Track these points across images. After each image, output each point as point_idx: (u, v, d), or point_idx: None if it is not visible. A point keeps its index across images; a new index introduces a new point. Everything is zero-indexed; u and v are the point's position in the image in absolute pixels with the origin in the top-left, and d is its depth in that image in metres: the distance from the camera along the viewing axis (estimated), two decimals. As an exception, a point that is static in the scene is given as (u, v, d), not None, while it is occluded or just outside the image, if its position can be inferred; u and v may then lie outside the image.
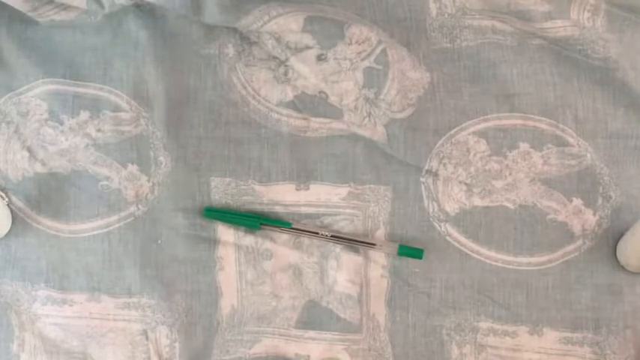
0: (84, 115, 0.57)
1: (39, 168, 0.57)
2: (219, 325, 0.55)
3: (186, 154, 0.56)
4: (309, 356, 0.55)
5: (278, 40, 0.56)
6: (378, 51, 0.55)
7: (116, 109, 0.57)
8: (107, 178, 0.56)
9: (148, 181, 0.56)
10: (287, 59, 0.56)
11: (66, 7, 0.56)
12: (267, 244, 0.55)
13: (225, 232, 0.56)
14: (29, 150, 0.57)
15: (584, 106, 0.55)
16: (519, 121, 0.55)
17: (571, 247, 0.54)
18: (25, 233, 0.56)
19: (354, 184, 0.56)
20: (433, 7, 0.56)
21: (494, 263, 0.54)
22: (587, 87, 0.55)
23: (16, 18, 0.57)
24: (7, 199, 0.56)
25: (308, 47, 0.56)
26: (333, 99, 0.56)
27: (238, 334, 0.55)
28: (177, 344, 0.55)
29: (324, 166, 0.56)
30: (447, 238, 0.55)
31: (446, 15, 0.56)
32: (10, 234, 0.56)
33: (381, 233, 0.55)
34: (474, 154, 0.55)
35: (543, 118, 0.55)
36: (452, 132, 0.55)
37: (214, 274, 0.56)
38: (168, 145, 0.56)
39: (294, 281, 0.55)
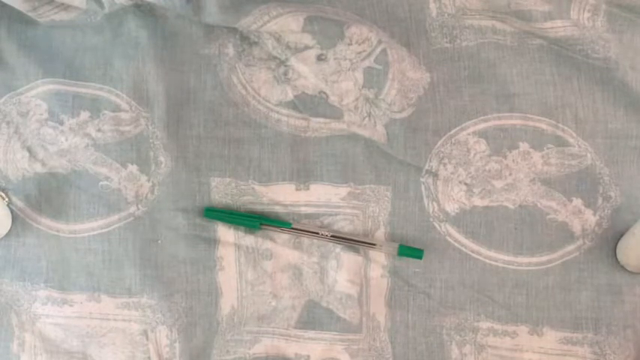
0: (84, 115, 0.57)
1: (39, 168, 0.56)
2: (219, 325, 0.55)
3: (186, 154, 0.56)
4: (309, 356, 0.55)
5: (278, 40, 0.56)
6: (378, 51, 0.55)
7: (116, 109, 0.57)
8: (107, 178, 0.56)
9: (148, 181, 0.56)
10: (287, 59, 0.56)
11: (66, 7, 0.56)
12: (267, 244, 0.55)
13: (225, 232, 0.56)
14: (29, 150, 0.57)
15: (584, 106, 0.55)
16: (519, 121, 0.55)
17: (571, 247, 0.54)
18: (25, 233, 0.56)
19: (354, 184, 0.56)
20: (433, 7, 0.56)
21: (494, 263, 0.54)
22: (587, 87, 0.55)
23: (16, 18, 0.57)
24: (7, 199, 0.56)
25: (308, 47, 0.56)
26: (333, 99, 0.56)
27: (238, 334, 0.55)
28: (177, 344, 0.55)
29: (324, 166, 0.56)
30: (447, 238, 0.55)
31: (446, 15, 0.56)
32: (10, 234, 0.56)
33: (381, 233, 0.55)
34: (474, 154, 0.55)
35: (543, 118, 0.55)
36: (452, 132, 0.55)
37: (214, 274, 0.56)
38: (168, 145, 0.56)
39: (294, 281, 0.55)
